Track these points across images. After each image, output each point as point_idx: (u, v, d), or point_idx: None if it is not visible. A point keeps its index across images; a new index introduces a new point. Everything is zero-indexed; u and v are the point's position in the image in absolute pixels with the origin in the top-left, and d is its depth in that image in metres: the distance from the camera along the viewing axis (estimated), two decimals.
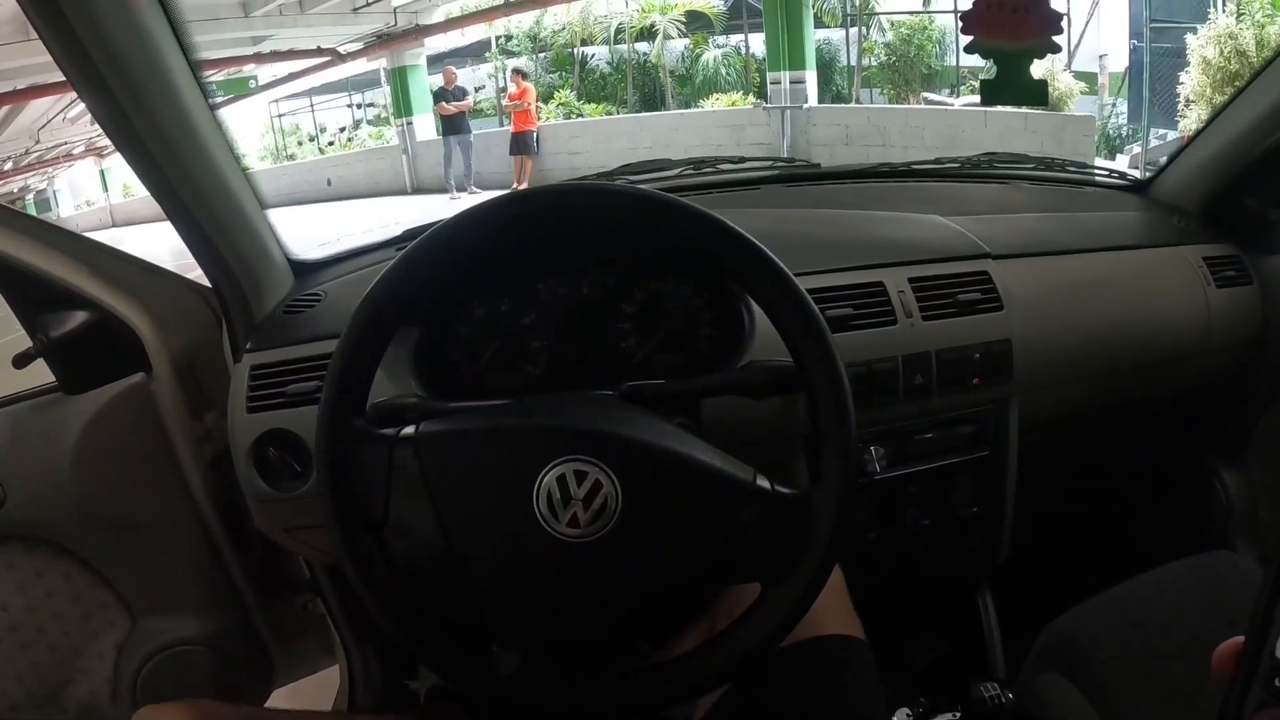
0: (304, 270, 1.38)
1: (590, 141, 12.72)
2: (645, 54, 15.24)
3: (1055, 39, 1.18)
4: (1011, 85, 1.21)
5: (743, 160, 1.63)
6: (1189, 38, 8.56)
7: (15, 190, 21.26)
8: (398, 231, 1.49)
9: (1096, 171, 1.86)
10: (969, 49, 1.20)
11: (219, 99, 14.61)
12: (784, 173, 1.66)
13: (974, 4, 1.19)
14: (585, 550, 0.80)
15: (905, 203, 1.55)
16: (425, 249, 0.88)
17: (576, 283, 1.19)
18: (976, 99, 11.49)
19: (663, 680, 0.86)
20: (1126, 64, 10.86)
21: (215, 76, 14.41)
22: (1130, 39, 10.72)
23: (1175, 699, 0.99)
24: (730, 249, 0.89)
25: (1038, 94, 1.24)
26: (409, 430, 0.86)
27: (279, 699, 1.62)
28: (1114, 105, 11.17)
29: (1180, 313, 1.49)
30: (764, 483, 0.84)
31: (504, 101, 14.00)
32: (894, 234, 1.40)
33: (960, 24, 1.29)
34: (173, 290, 1.32)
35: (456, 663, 0.85)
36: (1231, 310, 1.52)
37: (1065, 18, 12.47)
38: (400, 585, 0.85)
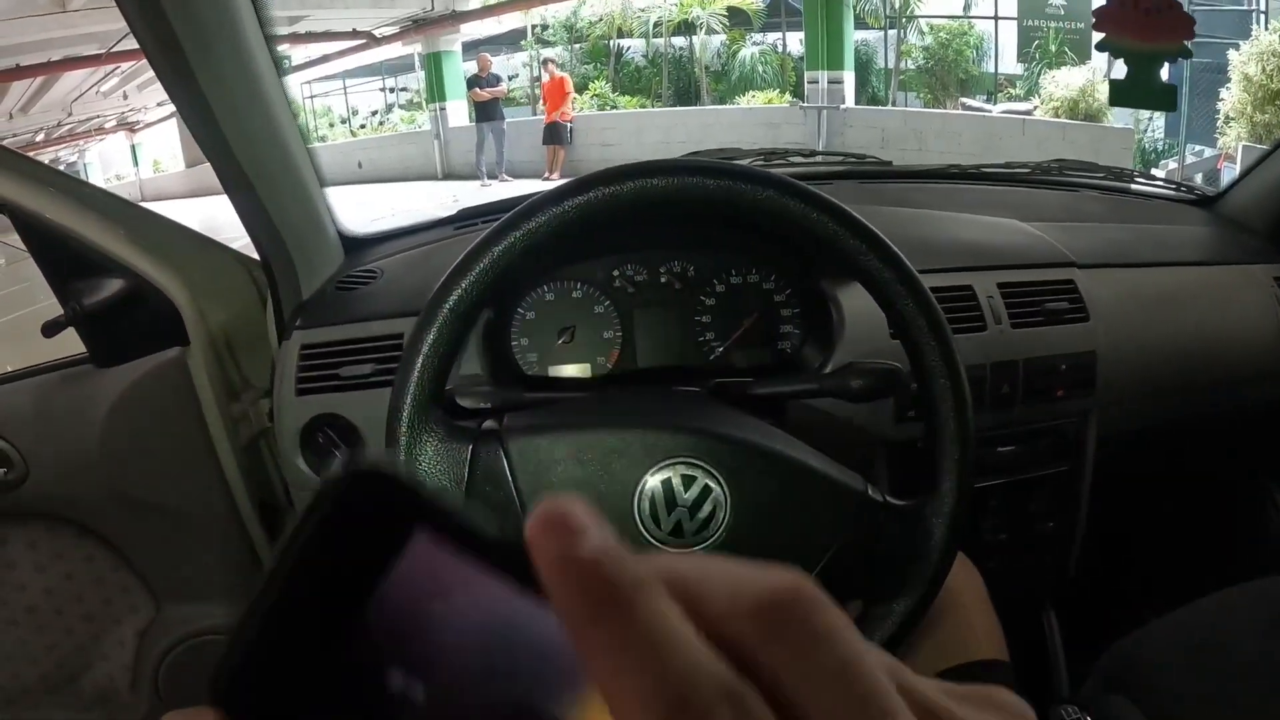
0: (355, 246, 1.32)
1: (623, 134, 12.65)
2: (681, 49, 15.16)
3: (1188, 44, 1.12)
4: (1140, 87, 1.15)
5: (814, 154, 1.58)
6: (1230, 53, 8.47)
7: (47, 162, 21.37)
8: (454, 210, 1.44)
9: (1165, 184, 1.81)
10: (1100, 46, 1.15)
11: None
12: (856, 169, 1.60)
13: (1109, 1, 1.14)
14: None
15: (978, 205, 1.50)
16: (535, 219, 0.79)
17: (654, 270, 1.14)
18: (1015, 106, 11.46)
19: None
20: (1165, 78, 10.79)
21: None
22: None
23: None
24: (850, 237, 0.81)
25: (1166, 98, 1.19)
26: (491, 424, 0.79)
27: None
28: (1150, 120, 11.07)
29: (1252, 332, 1.45)
30: (876, 493, 0.79)
31: (539, 90, 13.97)
32: (980, 237, 1.35)
33: (1093, 19, 1.24)
34: (215, 261, 1.26)
35: None
36: None
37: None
38: None
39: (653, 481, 0.74)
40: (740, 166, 0.80)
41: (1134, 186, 1.77)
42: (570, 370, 1.13)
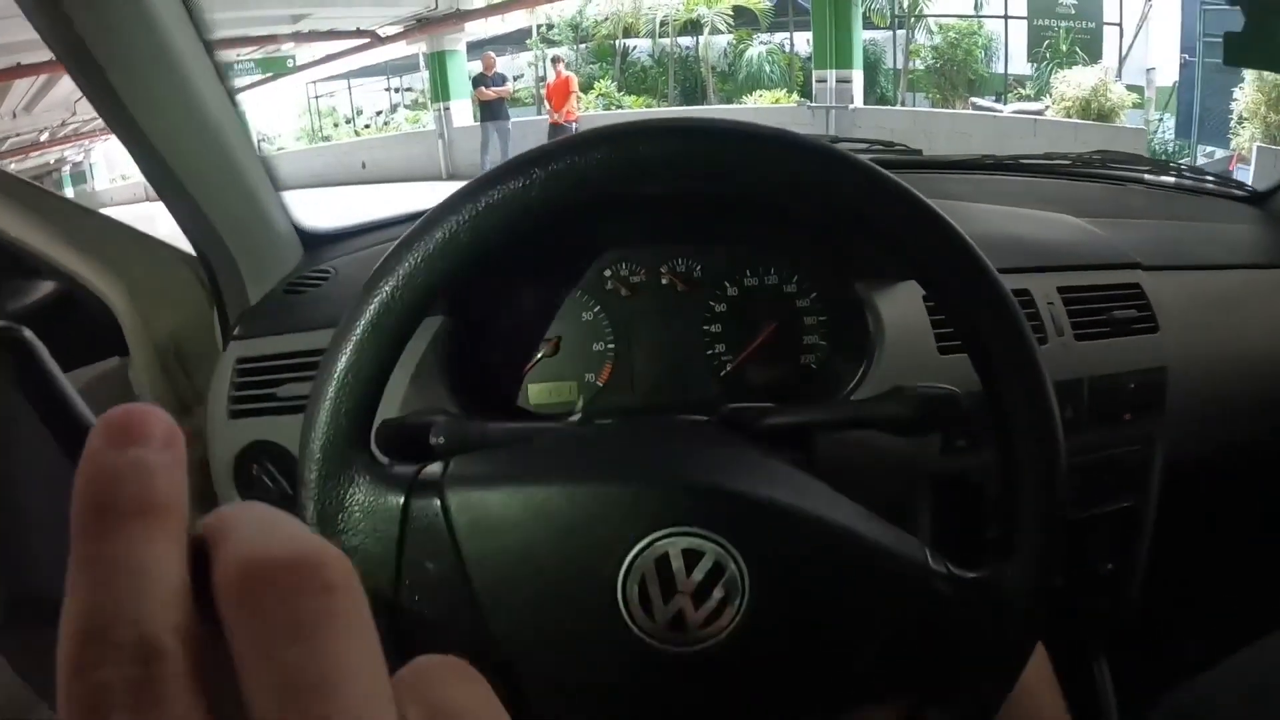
0: (316, 244, 1.17)
1: None
2: (688, 48, 15.09)
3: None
4: (1263, 44, 0.99)
5: (837, 140, 1.43)
6: None
7: (51, 162, 21.38)
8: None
9: (1214, 178, 1.66)
10: None
11: (257, 76, 14.72)
12: (883, 157, 1.45)
13: None
14: (692, 666, 0.55)
15: (1018, 198, 1.36)
16: (480, 200, 0.60)
17: (653, 269, 0.98)
18: (1026, 105, 11.35)
19: None
20: (1176, 78, 10.74)
21: (254, 54, 14.48)
22: (1181, 53, 10.59)
23: None
24: (909, 222, 0.61)
25: None
26: (434, 469, 0.59)
27: None
28: (1160, 120, 10.97)
29: None
30: (939, 563, 0.60)
31: (544, 90, 13.88)
32: (1033, 233, 1.19)
33: None
34: (161, 262, 1.12)
35: None
36: None
37: (1118, 28, 12.52)
38: None
39: (644, 557, 0.55)
40: (738, 124, 0.61)
41: (1181, 181, 1.64)
42: (553, 390, 0.97)
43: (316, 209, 1.13)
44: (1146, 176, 1.61)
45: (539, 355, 0.97)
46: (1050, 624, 1.07)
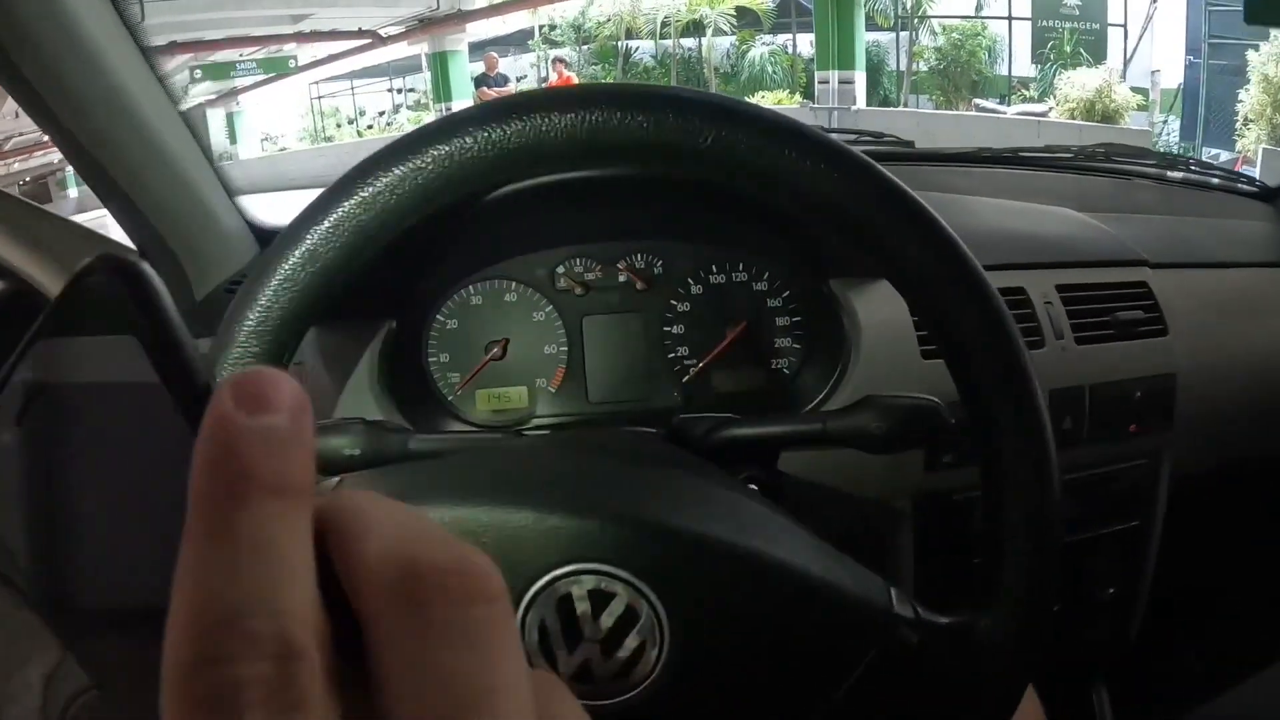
0: (271, 240, 1.11)
1: None
2: (690, 49, 15.08)
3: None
4: None
5: (826, 131, 1.37)
6: (1250, 54, 8.37)
7: (55, 162, 21.29)
8: None
9: (1222, 173, 1.60)
10: None
11: (259, 76, 14.72)
12: (872, 149, 1.39)
13: None
14: None
15: (1017, 192, 1.28)
16: (367, 187, 0.52)
17: (610, 265, 0.90)
18: (1030, 107, 11.32)
19: None
20: (1180, 80, 10.71)
21: (256, 54, 14.50)
22: (1186, 55, 10.57)
23: None
24: (885, 211, 0.52)
25: None
26: (330, 484, 0.54)
27: None
28: (1165, 122, 10.94)
29: None
30: (903, 605, 0.51)
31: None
32: (1030, 227, 1.12)
33: None
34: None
35: None
36: None
37: (1122, 29, 12.47)
38: None
39: (545, 598, 0.47)
40: (692, 94, 0.52)
41: (1189, 175, 1.58)
42: (501, 396, 0.90)
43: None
44: (1152, 171, 1.55)
45: (485, 358, 0.90)
46: (1051, 654, 0.99)
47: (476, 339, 0.89)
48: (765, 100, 13.03)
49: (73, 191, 15.83)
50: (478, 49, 14.66)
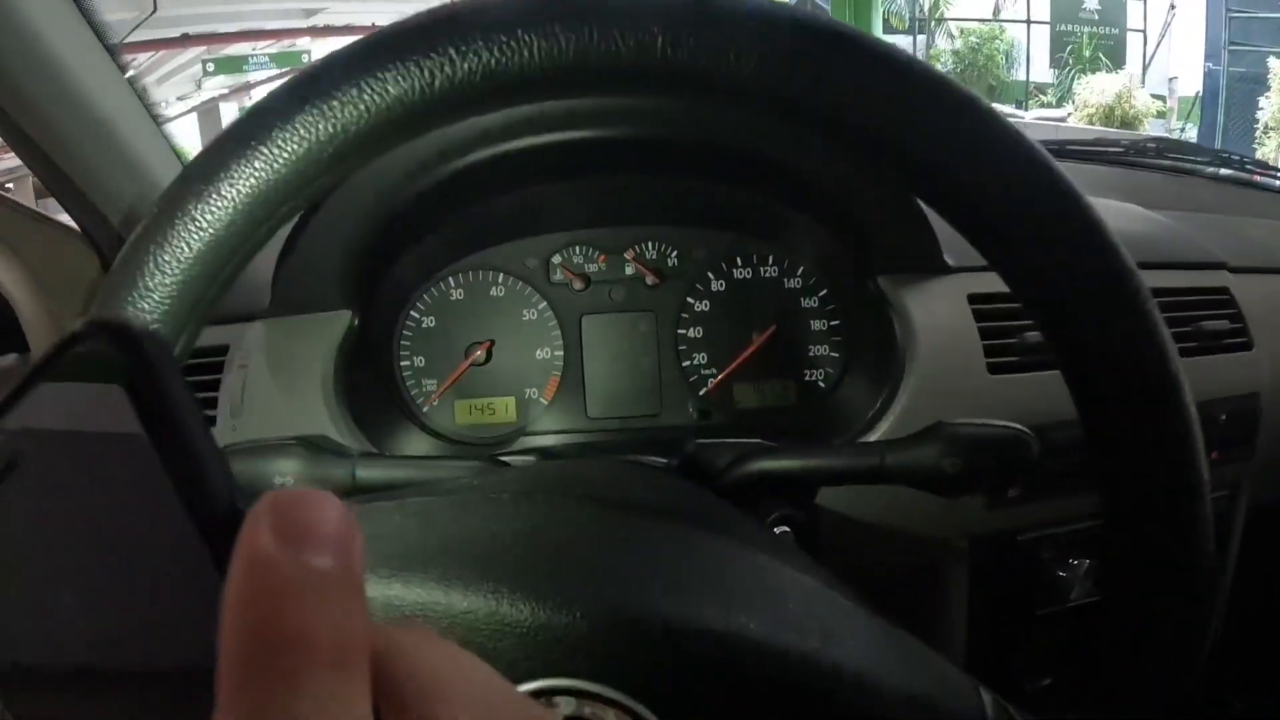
0: None
1: None
2: None
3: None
4: None
5: None
6: (1271, 61, 8.32)
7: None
8: None
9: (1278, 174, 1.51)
10: None
11: (272, 70, 14.70)
12: None
13: None
14: None
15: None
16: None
17: (615, 256, 0.79)
18: (1048, 112, 11.23)
19: None
20: (1199, 88, 10.64)
21: (269, 48, 14.53)
22: (1205, 61, 10.48)
23: None
24: (1010, 172, 0.35)
25: None
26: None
27: None
28: (1182, 130, 10.86)
29: None
30: (999, 712, 0.37)
31: None
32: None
33: None
34: (69, 249, 0.98)
35: None
36: None
37: (1141, 34, 12.37)
38: None
39: None
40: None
41: (1242, 175, 1.48)
42: (484, 407, 0.78)
43: None
44: (1207, 169, 1.45)
45: (465, 362, 0.78)
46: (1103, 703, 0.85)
47: (456, 340, 0.78)
48: None
49: None
50: None
